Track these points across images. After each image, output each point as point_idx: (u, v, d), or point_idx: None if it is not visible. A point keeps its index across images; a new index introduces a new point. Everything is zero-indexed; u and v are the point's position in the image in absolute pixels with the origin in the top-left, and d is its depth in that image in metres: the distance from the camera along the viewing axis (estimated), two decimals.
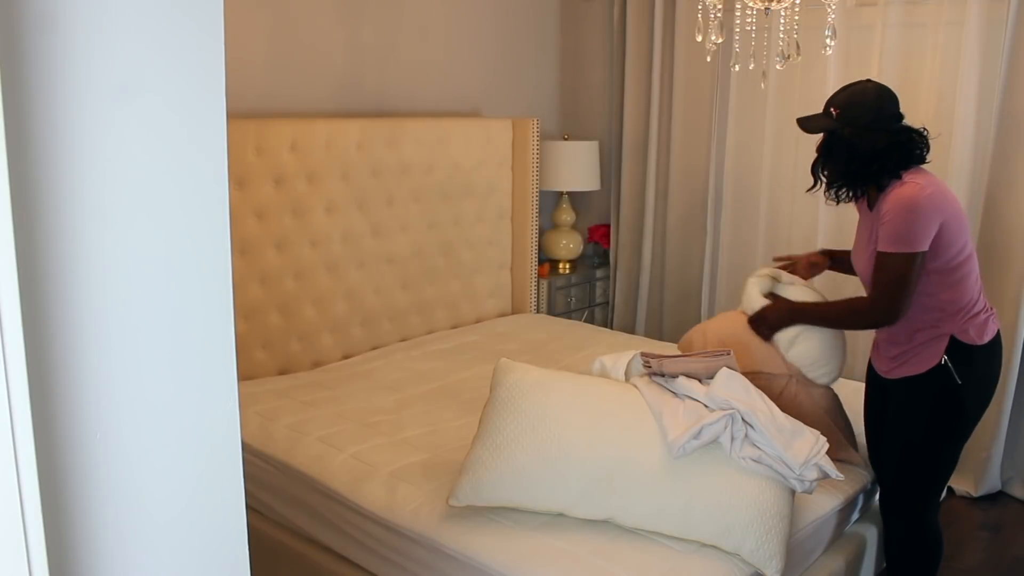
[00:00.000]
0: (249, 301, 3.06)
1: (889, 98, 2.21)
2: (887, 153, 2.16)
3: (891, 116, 2.20)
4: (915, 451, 2.26)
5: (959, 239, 2.14)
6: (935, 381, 2.19)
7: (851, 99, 2.21)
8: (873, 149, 2.16)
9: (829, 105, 2.25)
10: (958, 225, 2.14)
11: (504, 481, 1.99)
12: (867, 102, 2.19)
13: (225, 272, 0.89)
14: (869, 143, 2.17)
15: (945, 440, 2.24)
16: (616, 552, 1.93)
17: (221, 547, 0.94)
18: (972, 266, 2.20)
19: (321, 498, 2.31)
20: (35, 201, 0.75)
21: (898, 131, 2.18)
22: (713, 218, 4.18)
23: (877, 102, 2.19)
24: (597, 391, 2.14)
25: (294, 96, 3.35)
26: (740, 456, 1.98)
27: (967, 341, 2.17)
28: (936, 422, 2.22)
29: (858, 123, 2.18)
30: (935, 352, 2.18)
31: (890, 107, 2.20)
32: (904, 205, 2.10)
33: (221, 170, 0.86)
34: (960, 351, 2.17)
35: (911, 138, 2.19)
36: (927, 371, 2.19)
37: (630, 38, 4.22)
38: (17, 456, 0.70)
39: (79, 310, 0.79)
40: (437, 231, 3.72)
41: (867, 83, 2.25)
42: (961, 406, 2.20)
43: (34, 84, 0.74)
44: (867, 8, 3.53)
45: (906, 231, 2.09)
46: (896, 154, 2.16)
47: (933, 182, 2.15)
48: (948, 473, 2.31)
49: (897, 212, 2.10)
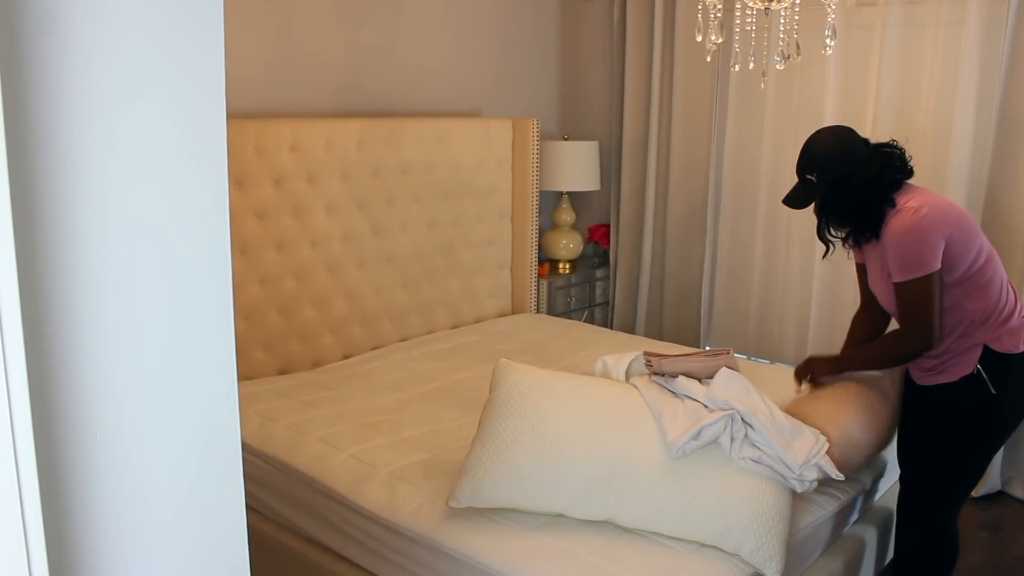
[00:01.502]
0: (249, 301, 3.06)
1: (847, 136, 2.25)
2: (868, 185, 2.18)
3: (860, 147, 2.23)
4: (944, 457, 2.24)
5: (972, 246, 2.13)
6: (969, 389, 2.17)
7: (819, 158, 2.23)
8: (857, 189, 2.18)
9: (802, 173, 2.26)
10: (965, 234, 2.13)
11: (504, 482, 1.99)
12: (833, 152, 2.21)
13: (225, 272, 0.89)
14: (852, 186, 2.19)
15: (976, 449, 2.23)
16: (616, 552, 1.93)
17: (221, 547, 0.94)
18: (994, 269, 2.18)
19: (321, 498, 2.31)
20: (35, 201, 0.75)
21: (869, 159, 2.20)
22: (713, 218, 4.18)
23: (841, 146, 2.22)
24: (597, 392, 2.14)
25: (294, 96, 3.35)
26: (740, 456, 1.98)
27: (1001, 350, 2.14)
28: (969, 430, 2.20)
29: (834, 176, 2.20)
30: (968, 362, 2.16)
31: (854, 142, 2.23)
32: (904, 233, 2.11)
33: (221, 170, 0.86)
34: (995, 360, 2.15)
35: (886, 158, 2.21)
36: (960, 379, 2.17)
37: (630, 38, 4.22)
38: (17, 456, 0.70)
39: (79, 310, 0.79)
40: (437, 231, 3.72)
41: (819, 134, 2.28)
42: (996, 416, 2.18)
43: (34, 84, 0.74)
44: (867, 8, 3.53)
45: (913, 257, 2.09)
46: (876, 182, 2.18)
47: (927, 200, 2.15)
48: (975, 481, 2.30)
49: (899, 242, 2.12)
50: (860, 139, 2.25)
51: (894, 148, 2.24)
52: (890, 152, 2.22)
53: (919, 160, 3.51)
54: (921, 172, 3.52)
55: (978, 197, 3.38)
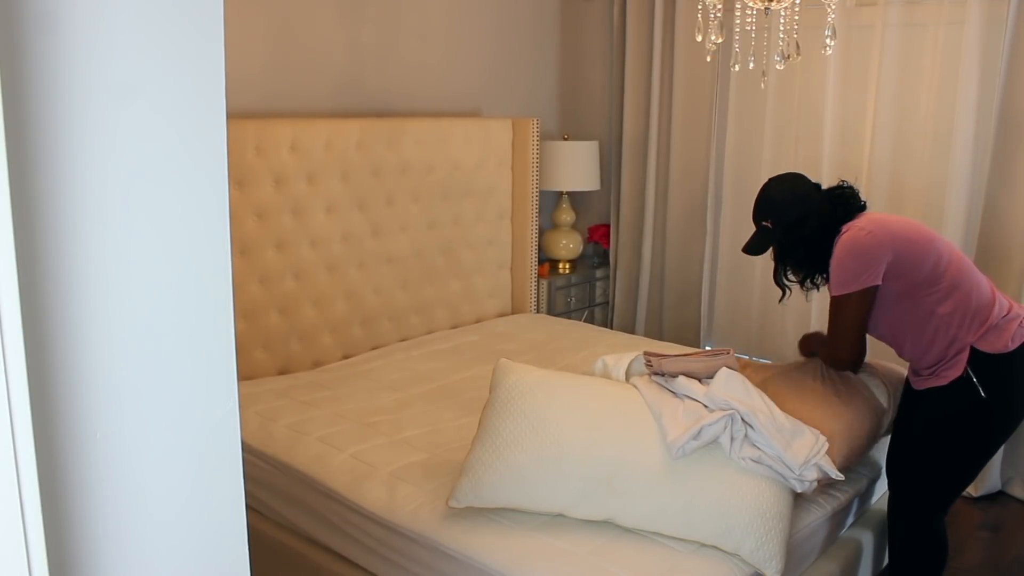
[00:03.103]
0: (249, 301, 3.06)
1: (798, 181, 2.34)
2: (821, 229, 2.24)
3: (812, 190, 2.32)
4: (934, 461, 2.25)
5: (927, 255, 2.16)
6: (960, 394, 2.17)
7: (772, 205, 2.31)
8: (811, 233, 2.25)
9: (758, 220, 2.34)
10: (918, 245, 2.17)
11: (504, 482, 1.99)
12: (785, 198, 2.30)
13: (225, 272, 0.89)
14: (806, 230, 2.26)
15: (966, 453, 2.23)
16: (616, 552, 1.93)
17: (221, 547, 0.94)
18: (962, 273, 2.19)
19: (321, 498, 2.31)
20: (35, 201, 0.75)
21: (819, 204, 2.27)
22: (713, 218, 4.18)
23: (793, 191, 2.31)
24: (597, 392, 2.14)
25: (294, 96, 3.35)
26: (740, 456, 1.98)
27: (990, 350, 2.14)
28: (959, 434, 2.20)
29: (787, 222, 2.28)
30: (958, 364, 2.17)
31: (805, 189, 2.31)
32: (845, 249, 2.17)
33: (221, 170, 0.86)
34: (985, 363, 2.14)
35: (837, 199, 2.28)
36: (950, 383, 2.17)
37: (630, 38, 4.22)
38: (17, 456, 0.70)
39: (79, 310, 0.79)
40: (437, 231, 3.72)
41: (771, 182, 2.36)
42: (986, 421, 2.18)
43: (34, 84, 0.74)
44: (867, 8, 3.53)
45: (850, 272, 2.14)
46: (828, 226, 2.24)
47: (874, 220, 2.21)
48: (964, 486, 2.30)
49: (839, 256, 2.18)
50: (811, 184, 2.35)
51: (844, 188, 2.31)
52: (841, 193, 2.30)
53: (919, 161, 3.53)
54: (921, 172, 3.54)
55: (978, 197, 3.38)
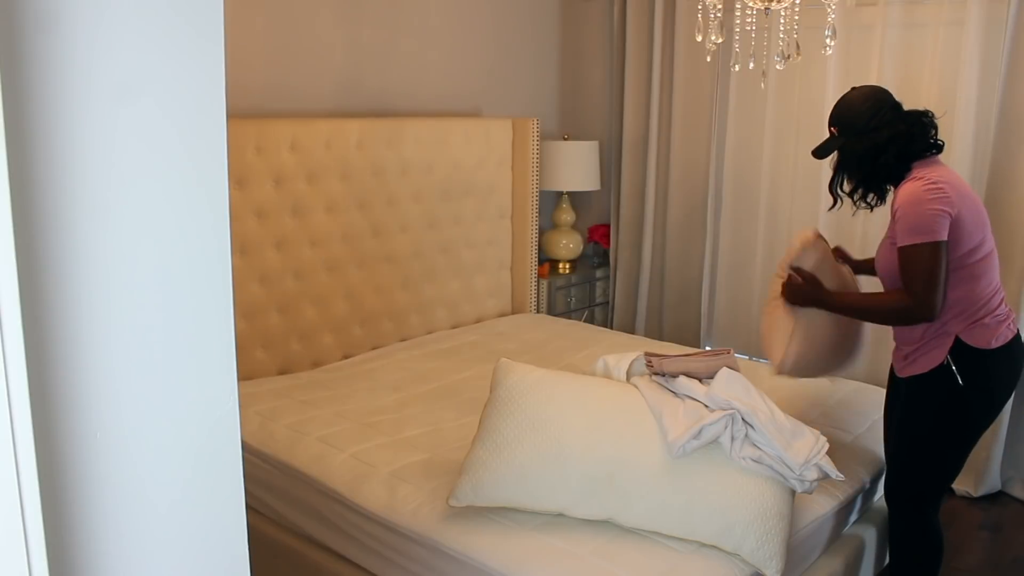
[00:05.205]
0: (249, 301, 3.06)
1: (878, 96, 2.26)
2: (888, 145, 2.19)
3: (889, 109, 2.24)
4: (919, 451, 2.26)
5: (976, 234, 2.13)
6: (939, 382, 2.18)
7: (843, 112, 2.29)
8: (876, 146, 2.20)
9: (829, 125, 2.32)
10: (975, 220, 2.13)
11: (504, 481, 1.99)
12: (857, 108, 2.25)
13: (225, 272, 0.89)
14: (871, 142, 2.21)
15: (948, 443, 2.24)
16: (616, 552, 1.93)
17: (221, 547, 0.94)
18: (988, 267, 2.18)
19: (321, 498, 2.31)
20: (35, 201, 0.75)
21: (894, 121, 2.21)
22: (713, 218, 4.18)
23: (865, 103, 2.25)
24: (597, 391, 2.14)
25: (294, 96, 3.35)
26: (740, 456, 1.98)
27: (973, 344, 2.15)
28: (940, 424, 2.22)
29: (856, 130, 2.23)
30: (940, 352, 2.17)
31: (883, 104, 2.24)
32: (910, 199, 2.12)
33: (221, 170, 0.86)
34: (966, 354, 2.15)
35: (914, 125, 2.21)
36: (931, 371, 2.19)
37: (630, 38, 4.22)
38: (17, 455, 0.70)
39: (79, 310, 0.79)
40: (437, 231, 3.72)
41: (852, 91, 2.31)
42: (965, 410, 2.19)
43: (34, 84, 0.74)
44: (867, 8, 3.53)
45: (919, 222, 2.09)
46: (896, 144, 2.19)
47: (944, 176, 2.15)
48: (951, 477, 2.31)
49: (906, 206, 2.12)
50: (892, 100, 2.26)
51: (926, 117, 2.24)
52: (919, 119, 2.23)
53: None
54: None
55: (979, 197, 3.38)
